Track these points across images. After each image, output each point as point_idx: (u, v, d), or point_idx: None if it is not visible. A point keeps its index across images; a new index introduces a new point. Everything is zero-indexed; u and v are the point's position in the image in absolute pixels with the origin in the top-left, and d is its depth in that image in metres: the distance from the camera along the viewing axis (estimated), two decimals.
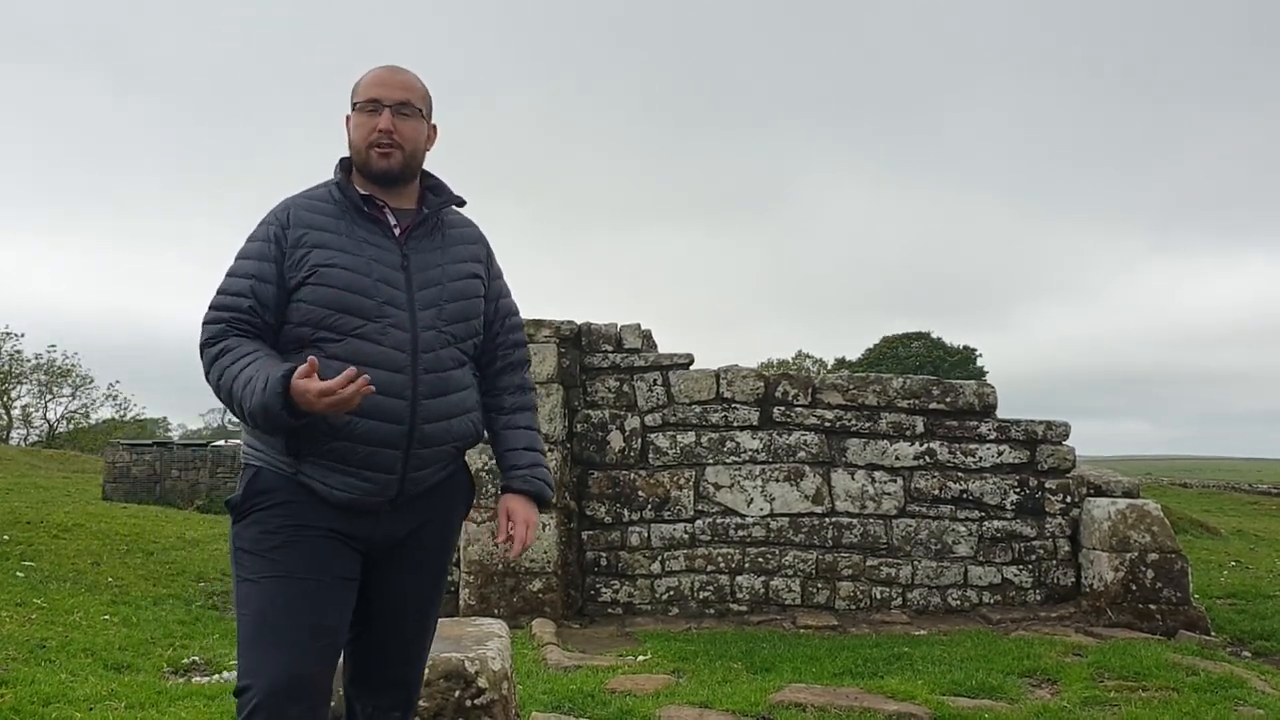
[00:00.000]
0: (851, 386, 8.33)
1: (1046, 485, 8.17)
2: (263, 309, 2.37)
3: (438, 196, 2.57)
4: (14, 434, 40.15)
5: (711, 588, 8.05)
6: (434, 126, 2.57)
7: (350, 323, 2.33)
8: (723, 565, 8.07)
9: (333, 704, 3.06)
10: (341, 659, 2.61)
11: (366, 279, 2.37)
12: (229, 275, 2.43)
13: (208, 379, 2.36)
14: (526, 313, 8.54)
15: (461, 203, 2.62)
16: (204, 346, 2.37)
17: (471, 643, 3.53)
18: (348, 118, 2.52)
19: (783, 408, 8.27)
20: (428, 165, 2.60)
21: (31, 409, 41.20)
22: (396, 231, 2.47)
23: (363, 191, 2.47)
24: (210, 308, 2.41)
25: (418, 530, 2.47)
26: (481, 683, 3.31)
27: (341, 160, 2.53)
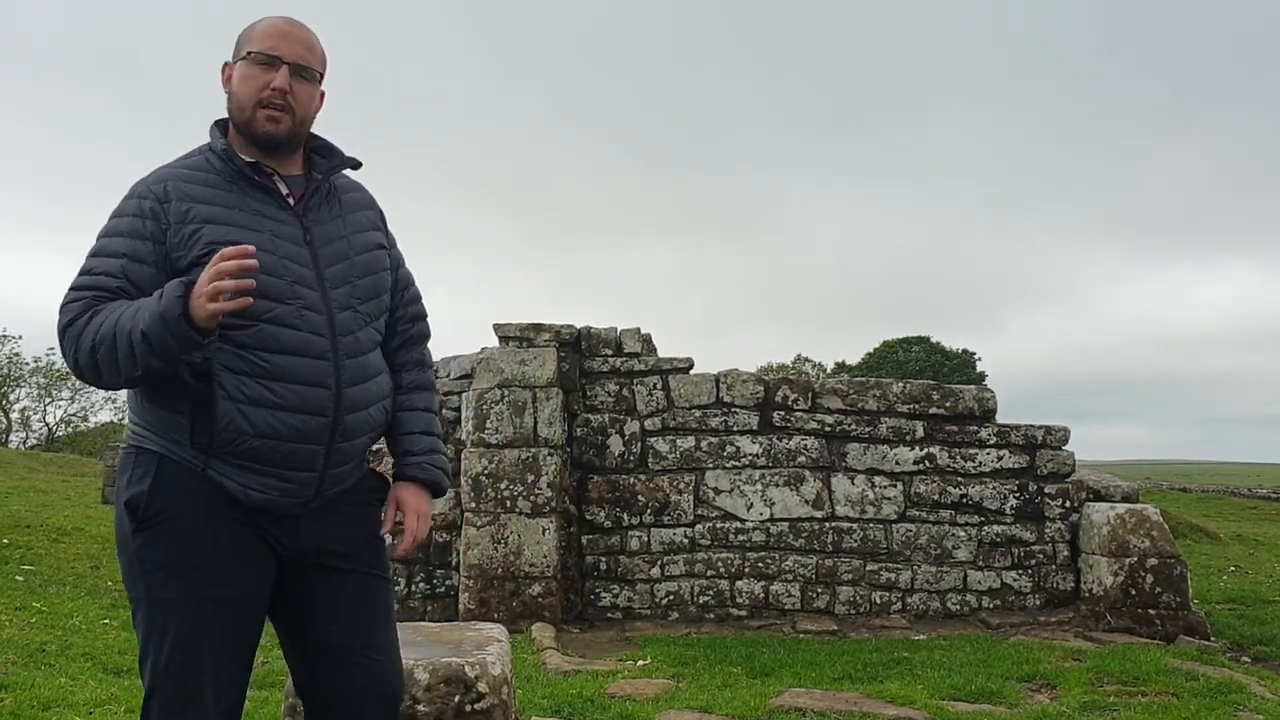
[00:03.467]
0: (851, 391, 8.33)
1: (1046, 490, 8.18)
2: (135, 290, 2.06)
3: (326, 160, 2.31)
4: (13, 437, 40.13)
5: (711, 592, 8.05)
6: (323, 93, 2.32)
7: (260, 306, 2.04)
8: (722, 570, 8.07)
9: None
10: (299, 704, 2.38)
11: (272, 256, 2.09)
12: (92, 255, 2.12)
13: (77, 356, 2.03)
14: (527, 317, 8.54)
15: (357, 165, 2.34)
16: (67, 327, 2.04)
17: (471, 647, 3.52)
18: (227, 67, 2.22)
19: (782, 412, 8.27)
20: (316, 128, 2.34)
21: (30, 412, 41.18)
22: (290, 202, 2.22)
23: (247, 158, 2.20)
24: (70, 289, 2.08)
25: (345, 537, 2.24)
26: (481, 687, 3.30)
27: (218, 123, 2.25)
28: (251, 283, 1.93)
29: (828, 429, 8.26)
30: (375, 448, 2.42)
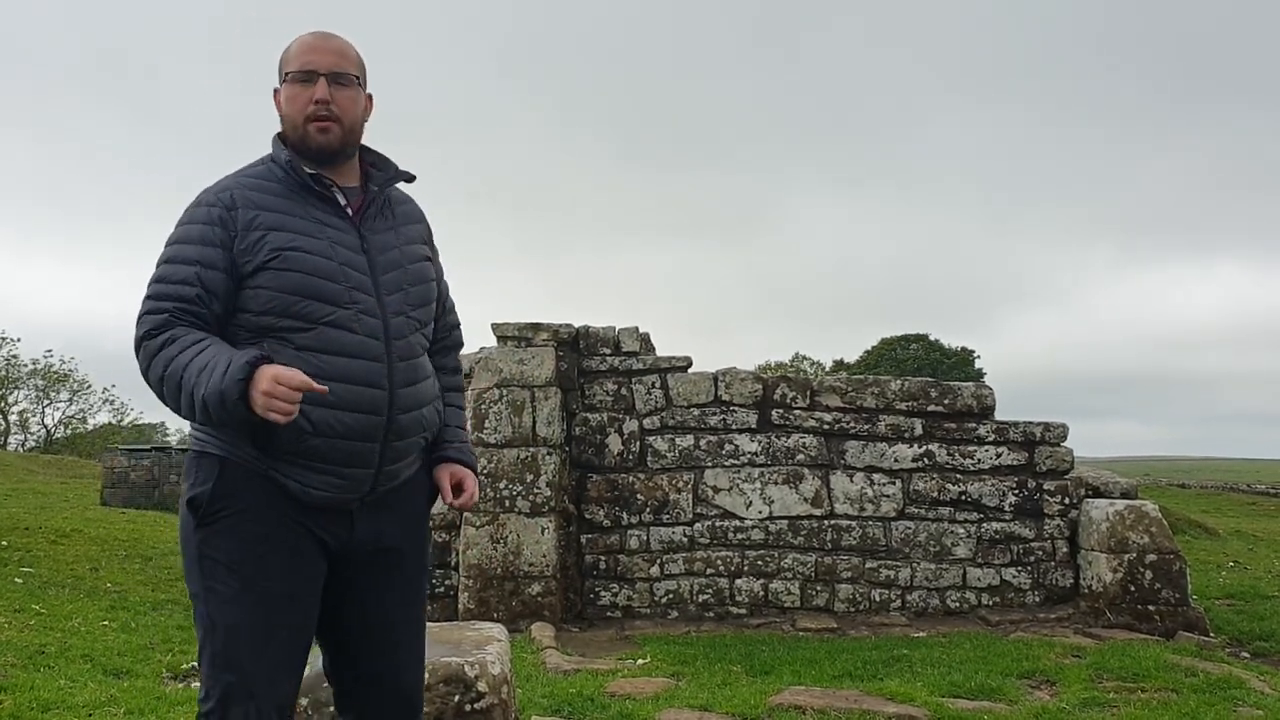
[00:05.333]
0: (850, 389, 8.33)
1: (1045, 487, 8.18)
2: (210, 298, 2.18)
3: (382, 172, 2.42)
4: (11, 439, 40.08)
5: (710, 591, 8.05)
6: (370, 96, 2.41)
7: (320, 310, 2.19)
8: (722, 568, 8.07)
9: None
10: (325, 680, 2.52)
11: (331, 262, 2.22)
12: (166, 263, 2.22)
13: (147, 375, 2.16)
14: (525, 317, 8.54)
15: (411, 178, 2.47)
16: (143, 340, 2.16)
17: (471, 647, 3.53)
18: (276, 92, 2.34)
19: (781, 410, 8.27)
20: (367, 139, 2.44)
21: (29, 414, 41.12)
22: (349, 211, 2.33)
23: (310, 170, 2.30)
24: (148, 298, 2.20)
25: (394, 533, 2.36)
26: (481, 687, 3.31)
27: (279, 136, 2.35)
28: (321, 388, 2.06)
29: (826, 427, 8.26)
30: None
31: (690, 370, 8.42)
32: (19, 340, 39.78)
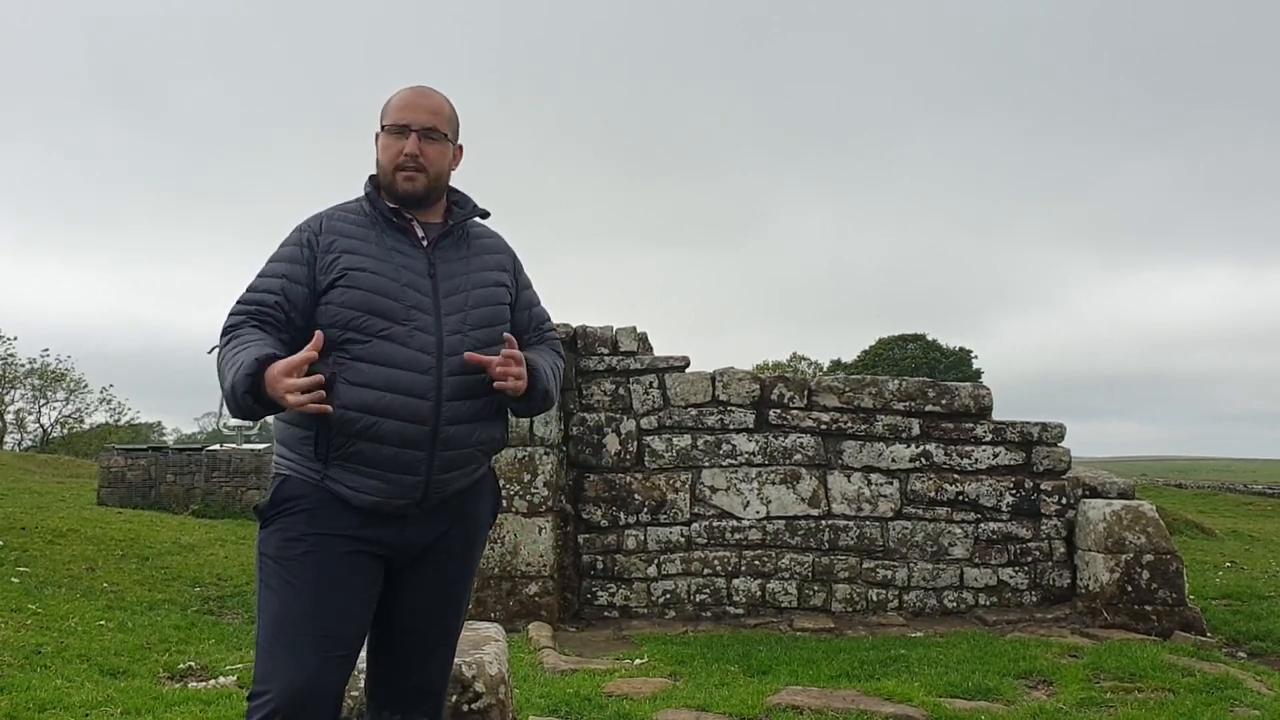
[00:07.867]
0: (847, 389, 8.33)
1: (1042, 487, 8.19)
2: (290, 306, 2.41)
3: (462, 210, 2.63)
4: (8, 439, 40.00)
5: (708, 591, 8.05)
6: (460, 147, 2.64)
7: (377, 324, 2.37)
8: (719, 568, 8.07)
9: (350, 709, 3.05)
10: (363, 667, 2.67)
11: (394, 283, 2.42)
12: (259, 275, 2.48)
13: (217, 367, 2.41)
14: None
15: (485, 214, 2.67)
16: (221, 336, 2.41)
17: (468, 647, 3.52)
18: (377, 136, 2.58)
19: (779, 410, 8.28)
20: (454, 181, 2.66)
21: (25, 413, 41.05)
22: (424, 242, 2.53)
23: (391, 205, 2.54)
24: (236, 302, 2.44)
25: (443, 536, 2.50)
26: (479, 687, 3.30)
27: (371, 177, 2.60)
28: (327, 409, 2.25)
29: (824, 427, 8.26)
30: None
31: (688, 370, 8.41)
32: (15, 339, 39.67)
